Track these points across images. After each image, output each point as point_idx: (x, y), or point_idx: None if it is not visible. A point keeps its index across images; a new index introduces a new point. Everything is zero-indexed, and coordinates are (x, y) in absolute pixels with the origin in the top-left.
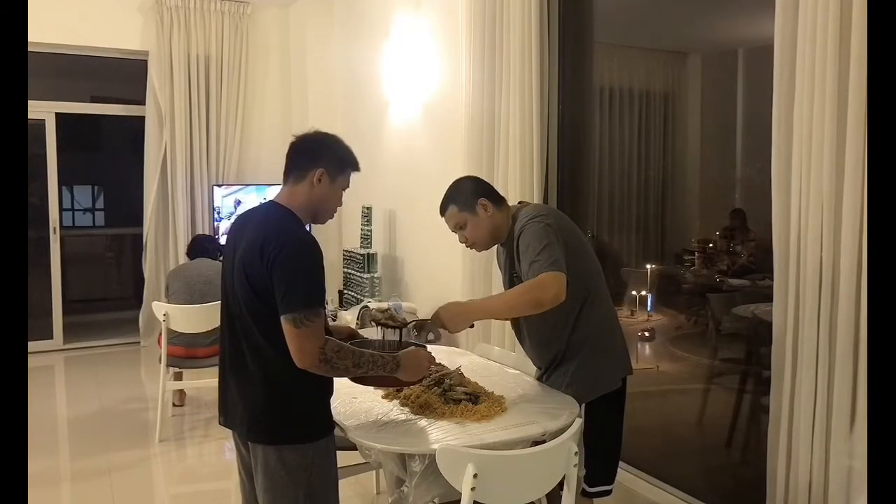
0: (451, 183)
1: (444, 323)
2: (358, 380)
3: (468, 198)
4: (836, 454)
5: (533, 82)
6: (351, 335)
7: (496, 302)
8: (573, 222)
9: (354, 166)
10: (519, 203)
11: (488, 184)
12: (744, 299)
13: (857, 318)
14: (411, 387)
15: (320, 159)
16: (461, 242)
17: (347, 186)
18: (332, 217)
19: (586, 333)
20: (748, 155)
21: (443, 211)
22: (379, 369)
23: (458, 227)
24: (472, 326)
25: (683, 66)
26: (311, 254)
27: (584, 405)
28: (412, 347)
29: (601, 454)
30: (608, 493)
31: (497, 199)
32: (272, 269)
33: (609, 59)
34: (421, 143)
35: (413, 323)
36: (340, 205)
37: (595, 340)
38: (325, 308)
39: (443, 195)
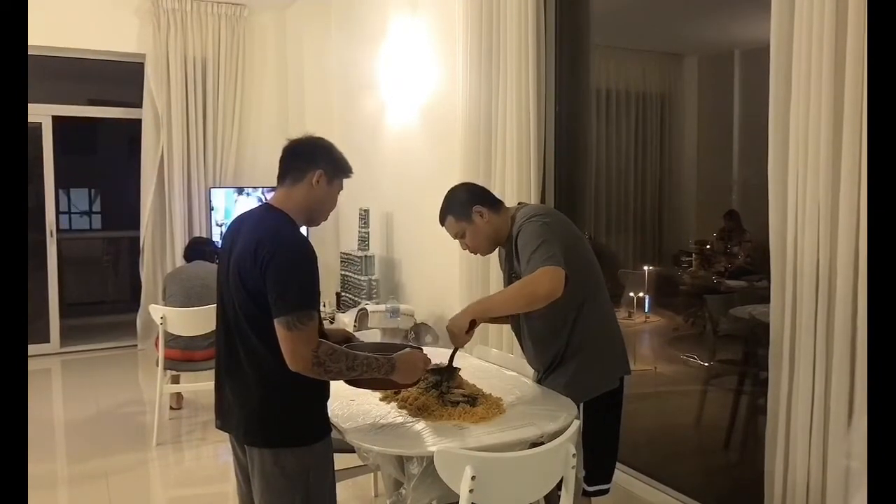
0: (447, 191)
1: (448, 326)
2: (353, 382)
3: (463, 207)
4: (834, 454)
5: (530, 84)
6: (346, 338)
7: (494, 298)
8: (572, 222)
9: (348, 171)
10: (518, 204)
11: (483, 189)
12: (741, 300)
13: (854, 318)
14: (409, 389)
15: (318, 161)
16: (463, 249)
17: (342, 189)
18: (326, 219)
19: (586, 333)
20: (745, 156)
21: (441, 221)
22: (374, 372)
23: (458, 236)
24: (475, 325)
25: (680, 67)
26: (305, 256)
27: (582, 405)
28: (407, 349)
29: (599, 453)
30: (606, 491)
31: (493, 204)
32: (266, 272)
33: (605, 60)
34: (418, 145)
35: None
36: (335, 207)
37: (595, 340)
38: (318, 311)
39: (440, 203)
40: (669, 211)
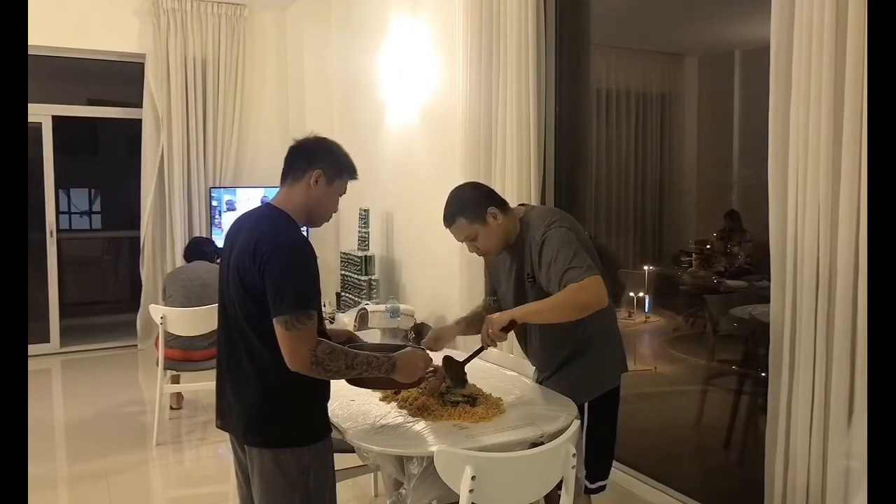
0: (451, 192)
1: (488, 323)
2: (354, 382)
3: (477, 209)
4: (834, 454)
5: (530, 84)
6: (349, 339)
7: (543, 304)
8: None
9: (352, 173)
10: (521, 205)
11: (490, 188)
12: (741, 300)
13: (854, 318)
14: (409, 389)
15: (318, 161)
16: (471, 252)
17: (344, 192)
18: (327, 221)
19: (592, 333)
20: (745, 156)
21: (449, 223)
22: (374, 371)
23: (468, 239)
24: (513, 324)
25: (680, 67)
26: (303, 255)
27: (585, 404)
28: (408, 349)
29: (601, 450)
30: (605, 487)
31: (502, 204)
32: (264, 271)
33: (606, 60)
34: (418, 144)
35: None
36: (336, 210)
37: (599, 340)
38: (317, 310)
39: (444, 205)
40: (669, 211)
